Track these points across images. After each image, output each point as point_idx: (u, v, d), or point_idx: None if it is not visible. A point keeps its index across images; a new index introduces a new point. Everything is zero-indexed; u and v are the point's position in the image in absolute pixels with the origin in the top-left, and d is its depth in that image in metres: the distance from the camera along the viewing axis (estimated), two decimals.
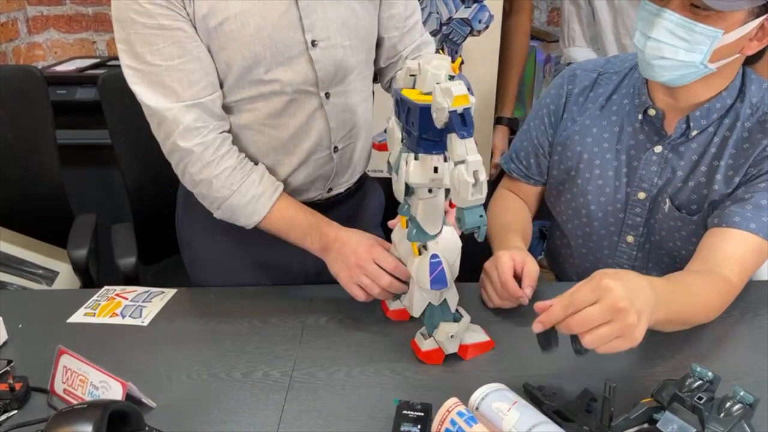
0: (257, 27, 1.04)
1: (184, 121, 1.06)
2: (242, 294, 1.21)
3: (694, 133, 1.13)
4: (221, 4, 1.02)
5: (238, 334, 1.09)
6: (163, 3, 1.00)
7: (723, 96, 1.11)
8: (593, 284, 0.81)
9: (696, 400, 0.80)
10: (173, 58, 1.03)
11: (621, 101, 1.21)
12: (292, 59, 1.09)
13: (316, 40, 1.09)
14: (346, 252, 1.07)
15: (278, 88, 1.11)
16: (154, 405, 0.92)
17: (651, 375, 0.92)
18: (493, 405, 0.83)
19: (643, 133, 1.18)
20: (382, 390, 0.95)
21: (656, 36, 1.03)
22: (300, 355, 1.03)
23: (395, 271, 1.05)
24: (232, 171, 1.10)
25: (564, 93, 1.26)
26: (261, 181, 1.12)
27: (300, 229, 1.12)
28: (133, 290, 1.23)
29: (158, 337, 1.10)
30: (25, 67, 1.83)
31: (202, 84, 1.06)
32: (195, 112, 1.06)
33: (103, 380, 0.89)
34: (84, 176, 2.10)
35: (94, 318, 1.14)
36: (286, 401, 0.93)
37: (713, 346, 1.02)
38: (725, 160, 1.11)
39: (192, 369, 1.00)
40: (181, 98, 1.05)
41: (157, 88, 1.05)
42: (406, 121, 0.92)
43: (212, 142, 1.08)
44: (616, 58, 1.26)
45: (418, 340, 1.02)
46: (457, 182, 0.83)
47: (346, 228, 1.11)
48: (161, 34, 1.01)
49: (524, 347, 1.03)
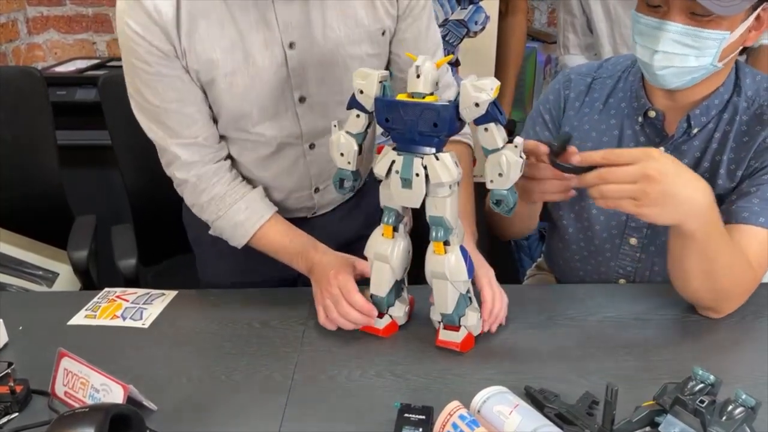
0: (245, 87, 1.07)
1: (182, 156, 1.12)
2: (243, 296, 1.21)
3: (695, 131, 1.13)
4: (211, 65, 1.04)
5: (238, 337, 1.09)
6: (160, 54, 1.02)
7: (720, 92, 1.11)
8: (646, 150, 0.90)
9: (698, 403, 0.80)
10: (171, 101, 1.07)
11: (618, 104, 1.21)
12: (279, 114, 1.12)
13: (304, 97, 1.11)
14: (321, 275, 1.08)
15: (263, 140, 1.15)
16: (155, 408, 0.91)
17: (652, 378, 0.92)
18: (494, 408, 0.83)
19: (643, 135, 1.18)
20: (384, 393, 0.95)
21: (663, 48, 1.02)
22: (301, 358, 1.03)
23: (348, 297, 1.04)
24: (220, 198, 1.15)
25: (562, 98, 1.25)
26: (246, 209, 1.15)
27: (287, 254, 1.15)
28: (134, 292, 1.23)
29: (159, 339, 1.10)
30: (25, 68, 1.83)
31: (198, 124, 1.11)
32: (192, 148, 1.12)
33: (104, 383, 0.89)
34: (84, 177, 2.10)
35: (95, 320, 1.14)
36: (287, 404, 0.93)
37: (714, 349, 1.02)
38: (727, 155, 1.11)
39: (193, 371, 1.00)
40: (180, 136, 1.10)
41: (158, 124, 1.10)
42: (414, 125, 0.91)
43: (206, 173, 1.14)
44: (608, 62, 1.26)
45: (447, 336, 1.03)
46: (506, 165, 0.91)
47: (330, 251, 1.13)
48: (159, 80, 1.05)
49: (525, 350, 1.03)
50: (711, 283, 1.02)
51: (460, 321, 1.02)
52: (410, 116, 0.91)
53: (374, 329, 1.06)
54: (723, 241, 0.99)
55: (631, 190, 0.89)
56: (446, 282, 0.99)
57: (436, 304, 1.02)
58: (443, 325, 1.04)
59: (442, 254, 0.98)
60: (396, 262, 1.02)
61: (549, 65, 2.44)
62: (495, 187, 0.94)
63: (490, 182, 0.94)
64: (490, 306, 1.03)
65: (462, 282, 0.99)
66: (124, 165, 1.73)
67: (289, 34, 1.05)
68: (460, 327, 1.03)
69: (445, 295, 1.00)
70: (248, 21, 1.03)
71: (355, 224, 1.31)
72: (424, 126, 0.91)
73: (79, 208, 1.86)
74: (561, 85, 1.26)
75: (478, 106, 0.89)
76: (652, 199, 0.89)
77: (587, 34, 1.93)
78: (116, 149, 1.72)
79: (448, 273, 0.98)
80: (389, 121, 0.93)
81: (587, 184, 0.94)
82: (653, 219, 0.93)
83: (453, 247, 0.98)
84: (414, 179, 0.93)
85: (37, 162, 1.81)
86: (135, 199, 1.76)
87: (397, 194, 0.96)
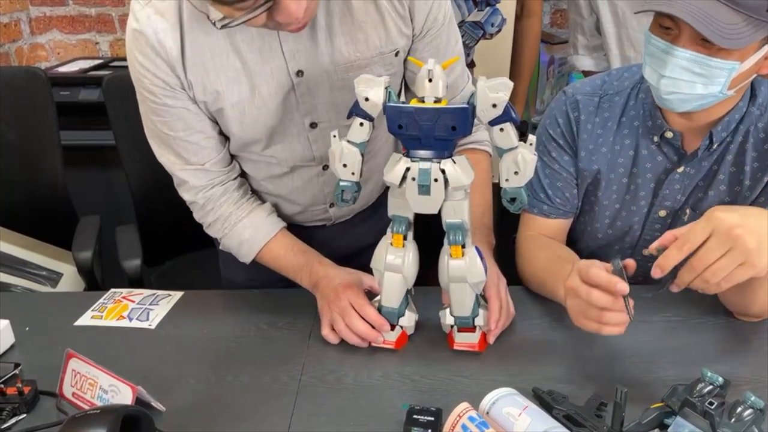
0: (253, 117, 1.07)
1: (190, 181, 1.14)
2: (249, 298, 1.21)
3: (714, 146, 1.11)
4: (217, 97, 1.04)
5: (245, 338, 1.09)
6: (166, 87, 1.03)
7: (740, 106, 1.09)
8: (705, 219, 0.84)
9: (707, 405, 0.80)
10: (179, 130, 1.08)
11: (631, 123, 1.17)
12: (290, 138, 1.12)
13: (315, 122, 1.10)
14: (327, 288, 1.08)
15: (275, 162, 1.16)
16: (163, 409, 0.91)
17: (660, 380, 0.92)
18: (503, 409, 0.83)
19: (661, 154, 1.15)
20: (392, 394, 0.95)
21: (670, 74, 1.00)
22: (308, 360, 1.03)
23: (361, 311, 1.03)
24: (225, 218, 1.16)
25: (572, 121, 1.20)
26: (251, 227, 1.16)
27: (292, 269, 1.16)
28: (140, 293, 1.23)
29: (166, 340, 1.10)
30: (30, 68, 1.82)
31: (206, 151, 1.12)
32: (200, 174, 1.14)
33: (113, 384, 0.89)
34: (87, 177, 2.10)
35: (101, 321, 1.14)
36: (295, 405, 0.93)
37: (722, 351, 1.02)
38: (750, 165, 1.10)
39: (200, 372, 1.00)
40: (188, 163, 1.12)
41: (167, 150, 1.12)
42: (431, 130, 0.90)
43: (213, 195, 1.16)
44: (611, 77, 1.21)
45: (464, 338, 1.03)
46: (522, 163, 0.92)
47: (335, 266, 1.13)
48: (166, 110, 1.06)
49: (532, 351, 1.03)
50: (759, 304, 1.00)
51: (474, 321, 1.02)
52: (427, 121, 0.90)
53: (386, 343, 1.04)
54: None
55: (732, 260, 0.82)
56: (465, 285, 0.99)
57: (454, 307, 1.02)
58: (457, 328, 1.04)
59: (460, 257, 0.98)
60: (408, 271, 1.00)
61: (552, 66, 2.44)
62: (510, 186, 0.95)
63: (505, 181, 0.95)
64: (496, 316, 1.02)
65: (480, 282, 0.99)
66: (128, 165, 1.73)
67: (296, 62, 1.03)
68: (476, 328, 1.03)
69: (464, 298, 1.00)
70: (253, 51, 1.01)
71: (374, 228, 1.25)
72: (441, 130, 0.90)
73: (83, 209, 1.85)
74: (568, 108, 1.20)
75: (495, 107, 0.90)
76: (753, 251, 0.82)
77: (595, 35, 1.93)
78: (120, 150, 1.72)
79: (468, 275, 0.98)
80: (402, 127, 0.91)
81: (686, 285, 0.87)
82: (761, 271, 0.84)
83: (469, 249, 0.98)
84: (433, 185, 0.92)
85: (41, 162, 1.80)
86: (139, 199, 1.76)
87: (413, 201, 0.94)
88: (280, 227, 1.18)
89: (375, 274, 1.04)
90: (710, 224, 0.83)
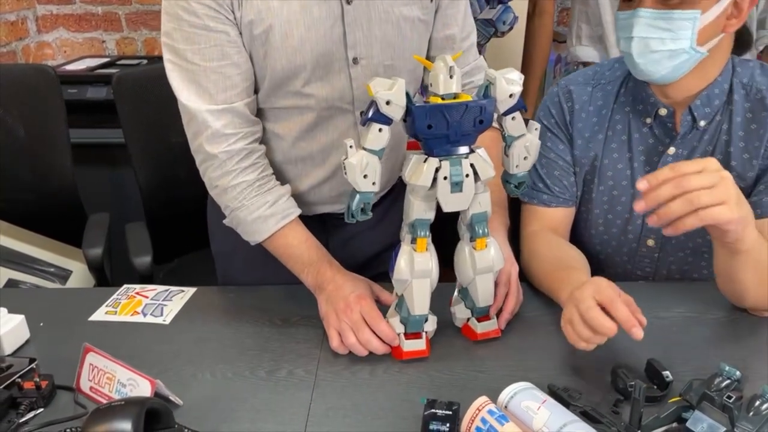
0: (301, 39, 1.04)
1: (214, 126, 1.05)
2: (262, 293, 1.21)
3: (702, 124, 1.13)
4: (268, 13, 1.02)
5: (259, 333, 1.09)
6: (212, 5, 1.00)
7: (719, 81, 1.12)
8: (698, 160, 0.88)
9: (725, 398, 0.81)
10: (212, 60, 1.03)
11: (623, 110, 1.20)
12: (332, 75, 1.09)
13: (357, 58, 1.08)
14: (336, 296, 1.04)
15: (313, 103, 1.10)
16: (181, 403, 0.92)
17: (676, 375, 0.92)
18: (522, 403, 0.83)
19: (652, 137, 1.18)
20: (408, 389, 0.95)
21: (638, 34, 1.05)
22: (323, 354, 1.03)
23: (374, 325, 1.00)
24: (248, 186, 1.09)
25: (566, 111, 1.24)
26: (274, 204, 1.10)
27: (299, 262, 1.10)
28: (153, 289, 1.23)
29: (180, 335, 1.10)
30: (39, 66, 1.83)
31: (237, 90, 1.06)
32: (226, 117, 1.06)
33: (131, 378, 0.89)
34: (97, 175, 2.10)
35: (116, 316, 1.14)
36: (312, 399, 0.93)
37: (736, 346, 1.02)
38: (735, 144, 1.12)
39: (216, 367, 1.01)
40: (215, 101, 1.05)
41: (192, 86, 1.05)
42: (458, 127, 0.91)
43: (238, 152, 1.08)
44: (603, 68, 1.25)
45: (485, 327, 1.04)
46: (532, 148, 0.99)
47: (344, 271, 1.09)
48: (204, 35, 1.01)
49: (547, 347, 1.03)
50: (766, 288, 1.01)
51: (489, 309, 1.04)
52: (455, 118, 0.90)
53: (417, 352, 1.00)
54: (765, 245, 0.98)
55: (716, 194, 0.85)
56: (491, 274, 1.00)
57: (481, 299, 1.02)
58: (477, 318, 1.04)
59: (485, 248, 0.98)
60: (435, 273, 0.99)
61: (559, 64, 2.44)
62: (519, 171, 1.00)
63: (515, 167, 0.99)
64: (507, 302, 1.05)
65: (501, 268, 1.01)
66: (137, 163, 1.73)
67: None
68: (490, 315, 1.04)
69: (490, 287, 1.01)
70: None
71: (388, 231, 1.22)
72: (467, 125, 0.91)
73: (92, 206, 1.86)
74: (561, 98, 1.24)
75: (511, 97, 0.93)
76: (735, 199, 0.86)
77: (600, 24, 1.93)
78: (130, 148, 1.72)
79: (495, 263, 0.99)
80: (432, 127, 0.90)
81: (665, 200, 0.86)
82: (737, 222, 0.88)
83: (490, 238, 0.99)
84: (465, 181, 0.93)
85: (50, 160, 1.81)
86: (148, 197, 1.76)
87: (446, 200, 0.93)
88: (298, 213, 1.13)
89: (398, 286, 1.00)
90: (702, 162, 0.87)
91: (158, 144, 1.73)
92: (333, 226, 1.27)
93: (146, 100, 1.71)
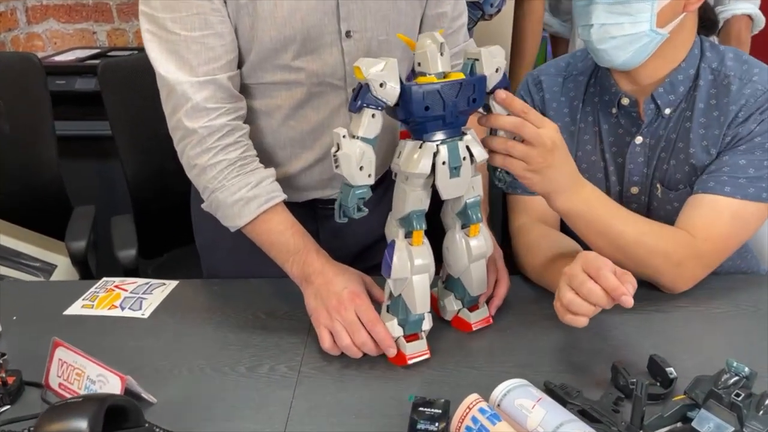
0: (291, 9, 0.98)
1: (195, 99, 0.98)
2: (247, 286, 1.16)
3: (667, 112, 1.10)
4: None
5: (242, 328, 1.04)
6: None
7: (683, 67, 1.08)
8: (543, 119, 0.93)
9: (734, 396, 0.76)
10: (194, 29, 0.97)
11: (592, 100, 1.17)
12: (323, 48, 1.03)
13: (350, 31, 1.03)
14: (327, 292, 0.96)
15: (303, 78, 1.05)
16: (154, 400, 0.87)
17: (680, 372, 0.87)
18: (516, 401, 0.78)
19: (620, 127, 1.14)
20: (396, 386, 0.90)
21: (597, 21, 1.02)
22: (308, 350, 0.98)
23: (371, 327, 0.93)
24: (229, 165, 1.01)
25: (537, 100, 1.21)
26: (257, 186, 1.01)
27: (283, 250, 1.01)
28: (133, 282, 1.18)
29: (159, 330, 1.05)
30: (24, 55, 1.80)
31: (220, 62, 1.00)
32: (208, 90, 0.99)
33: (101, 374, 0.84)
34: (83, 168, 2.06)
35: (92, 310, 1.10)
36: (294, 397, 0.88)
37: (745, 341, 0.97)
38: (695, 131, 1.08)
39: (194, 363, 0.96)
40: (196, 73, 0.98)
41: (172, 57, 0.99)
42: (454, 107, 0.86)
43: (220, 128, 1.00)
44: (576, 58, 1.22)
45: (477, 316, 1.01)
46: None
47: (333, 262, 1.01)
48: (186, 2, 0.96)
49: (544, 342, 0.98)
50: (623, 256, 0.99)
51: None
52: (450, 97, 0.85)
53: (420, 354, 0.94)
54: (614, 215, 1.02)
55: (525, 152, 0.91)
56: (484, 260, 0.96)
57: (475, 287, 0.98)
58: (468, 308, 1.00)
59: (478, 234, 0.94)
60: (433, 267, 0.94)
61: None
62: None
63: None
64: (497, 287, 1.03)
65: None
66: (125, 155, 1.69)
67: None
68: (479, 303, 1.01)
69: (483, 274, 0.98)
70: None
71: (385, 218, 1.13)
72: (462, 105, 0.86)
73: (79, 200, 1.82)
74: (532, 88, 1.22)
75: (497, 71, 0.90)
76: (542, 164, 0.92)
77: None
78: (117, 139, 1.68)
79: (487, 248, 0.96)
80: (429, 109, 0.84)
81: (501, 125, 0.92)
82: (534, 183, 0.95)
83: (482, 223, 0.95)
84: (462, 165, 0.88)
85: (35, 152, 1.77)
86: (136, 190, 1.72)
87: (445, 187, 0.88)
88: (283, 198, 1.04)
89: (395, 286, 0.92)
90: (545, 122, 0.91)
91: (146, 135, 1.68)
92: (323, 215, 1.21)
93: (134, 89, 1.66)
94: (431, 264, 0.93)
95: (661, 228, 1.04)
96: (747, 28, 1.76)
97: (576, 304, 0.84)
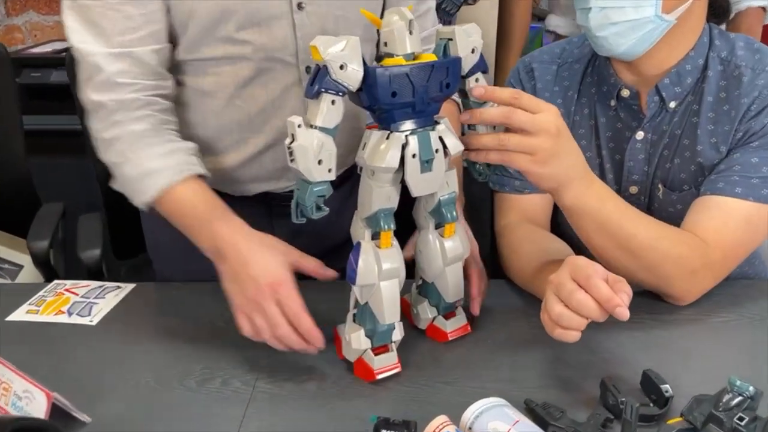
0: None
1: (106, 71, 0.90)
2: (207, 291, 1.05)
3: (672, 105, 1.01)
4: None
5: (197, 337, 0.95)
6: None
7: (691, 56, 0.99)
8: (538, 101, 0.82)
9: (736, 420, 0.68)
10: None
11: (588, 91, 1.08)
12: (271, 20, 0.94)
13: (302, 2, 0.95)
14: (243, 276, 0.84)
15: (249, 52, 0.96)
16: (88, 420, 0.78)
17: (677, 390, 0.78)
18: (489, 424, 0.70)
19: (619, 121, 1.05)
20: (359, 404, 0.81)
21: (595, 4, 0.93)
22: (266, 362, 0.88)
23: (295, 321, 0.82)
24: (136, 136, 0.91)
25: (528, 89, 1.11)
26: (167, 156, 0.91)
27: (191, 223, 0.90)
28: (87, 285, 1.10)
29: (107, 338, 0.96)
30: None
31: (139, 33, 0.91)
32: (122, 63, 0.91)
33: (27, 390, 0.76)
34: (56, 165, 1.98)
35: (37, 316, 1.01)
36: (244, 416, 0.79)
37: (749, 356, 0.88)
38: (703, 127, 0.99)
39: (140, 376, 0.87)
40: (110, 43, 0.90)
41: (86, 26, 0.90)
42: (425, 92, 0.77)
43: (131, 103, 0.91)
44: (572, 45, 1.12)
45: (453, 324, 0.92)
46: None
47: (251, 233, 0.87)
48: None
49: (527, 355, 0.89)
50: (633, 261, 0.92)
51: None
52: (420, 82, 0.76)
53: (390, 368, 0.85)
54: (625, 214, 0.92)
55: (525, 142, 0.81)
56: (460, 263, 0.88)
57: (451, 293, 0.89)
58: (444, 316, 0.92)
59: (454, 235, 0.86)
60: (403, 271, 0.85)
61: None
62: None
63: None
64: (478, 283, 0.94)
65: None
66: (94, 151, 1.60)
67: None
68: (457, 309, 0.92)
69: (460, 279, 0.89)
70: None
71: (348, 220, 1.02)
72: (434, 90, 0.78)
73: (49, 198, 1.73)
74: (523, 77, 1.12)
75: (474, 51, 0.81)
76: (545, 153, 0.81)
77: None
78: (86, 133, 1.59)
79: (464, 250, 0.88)
80: (397, 94, 0.76)
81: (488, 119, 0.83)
82: (540, 177, 0.84)
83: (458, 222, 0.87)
84: (435, 158, 0.79)
85: (1, 148, 1.68)
86: (107, 187, 1.62)
87: (416, 183, 0.79)
88: (201, 172, 0.93)
89: (362, 293, 0.83)
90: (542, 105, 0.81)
91: None
92: (279, 212, 1.10)
93: None
94: (401, 268, 0.84)
95: (676, 232, 0.94)
96: (760, 22, 1.67)
97: (566, 317, 0.75)
